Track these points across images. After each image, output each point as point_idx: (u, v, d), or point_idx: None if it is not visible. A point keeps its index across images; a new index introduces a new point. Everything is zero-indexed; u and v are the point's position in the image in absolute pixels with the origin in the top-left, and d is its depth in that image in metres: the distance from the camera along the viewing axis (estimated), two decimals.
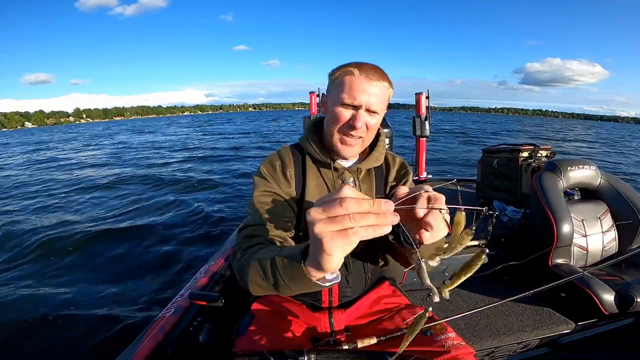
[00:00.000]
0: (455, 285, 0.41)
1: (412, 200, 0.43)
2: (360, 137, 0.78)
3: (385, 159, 0.92)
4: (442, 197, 0.44)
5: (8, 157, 13.56)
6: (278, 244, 0.71)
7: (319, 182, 0.85)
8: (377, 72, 0.74)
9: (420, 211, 0.42)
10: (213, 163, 9.98)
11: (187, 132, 26.32)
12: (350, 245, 0.35)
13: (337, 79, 0.75)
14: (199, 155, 11.70)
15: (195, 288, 1.36)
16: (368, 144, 0.84)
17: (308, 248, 0.45)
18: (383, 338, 0.74)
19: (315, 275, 0.45)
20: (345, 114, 0.74)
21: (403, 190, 0.44)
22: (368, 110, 0.74)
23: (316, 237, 0.35)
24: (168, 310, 1.21)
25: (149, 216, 4.80)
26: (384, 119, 0.84)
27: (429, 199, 0.43)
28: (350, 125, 0.75)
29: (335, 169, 0.85)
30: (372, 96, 0.72)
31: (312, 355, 0.63)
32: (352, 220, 0.33)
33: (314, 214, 0.35)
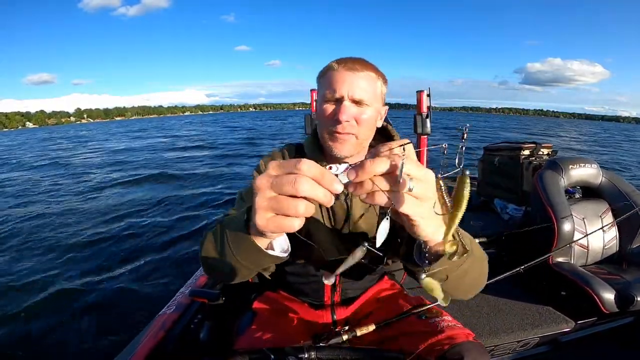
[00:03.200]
0: (454, 226, 0.37)
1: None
2: (352, 133, 0.70)
3: None
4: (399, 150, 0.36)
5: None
6: None
7: None
8: (359, 62, 0.69)
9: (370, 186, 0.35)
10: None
11: None
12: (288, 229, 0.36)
13: (320, 79, 0.73)
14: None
15: (196, 285, 1.37)
16: (366, 144, 0.76)
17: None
18: (381, 324, 0.75)
19: (260, 241, 0.46)
20: (329, 109, 0.70)
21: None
22: (354, 102, 0.68)
23: (256, 208, 0.36)
24: (169, 308, 1.21)
25: (151, 212, 4.81)
26: (385, 119, 0.79)
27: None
28: (335, 120, 0.68)
29: None
30: (354, 85, 0.67)
31: (313, 352, 0.63)
32: (297, 207, 0.35)
33: (262, 184, 0.36)
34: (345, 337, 0.72)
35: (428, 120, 1.77)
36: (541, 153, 2.38)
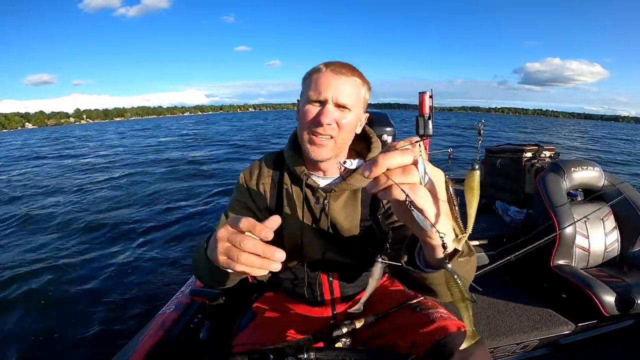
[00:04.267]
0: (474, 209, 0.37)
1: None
2: (331, 136, 0.71)
3: None
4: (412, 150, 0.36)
5: None
6: None
7: (293, 199, 0.80)
8: (346, 67, 0.71)
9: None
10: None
11: None
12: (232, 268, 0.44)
13: (306, 80, 0.73)
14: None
15: (196, 285, 1.37)
16: (344, 147, 0.76)
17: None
18: (378, 317, 0.77)
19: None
20: (312, 110, 0.70)
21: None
22: (337, 105, 0.69)
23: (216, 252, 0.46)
24: (169, 307, 1.22)
25: (155, 208, 4.81)
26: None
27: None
28: (316, 122, 0.69)
29: (308, 186, 0.78)
30: (340, 90, 0.68)
31: (312, 353, 0.63)
32: (240, 257, 0.42)
33: (221, 232, 0.45)
34: (344, 329, 0.73)
35: (430, 122, 1.77)
36: (543, 155, 2.37)
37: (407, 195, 0.34)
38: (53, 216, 4.63)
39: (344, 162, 0.38)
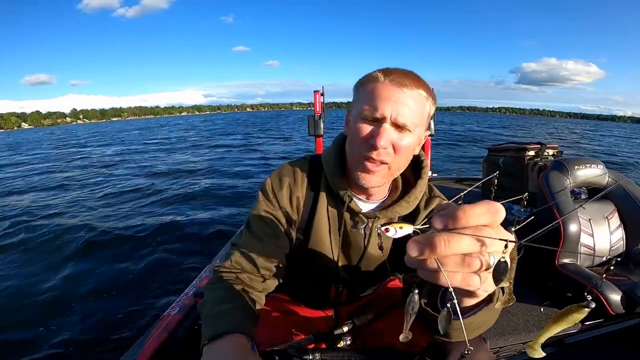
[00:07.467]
0: (544, 338, 0.36)
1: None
2: (385, 162, 0.61)
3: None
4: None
5: None
6: (259, 277, 0.71)
7: (328, 219, 0.73)
8: (409, 77, 0.59)
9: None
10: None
11: None
12: None
13: (360, 88, 0.63)
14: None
15: (200, 287, 1.37)
16: (397, 174, 0.67)
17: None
18: (380, 313, 0.76)
19: None
20: (365, 129, 0.60)
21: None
22: (395, 125, 0.59)
23: None
24: (173, 309, 1.22)
25: (157, 211, 4.81)
26: None
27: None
28: (370, 145, 0.59)
29: (350, 209, 0.70)
30: (400, 106, 0.57)
31: (317, 354, 0.64)
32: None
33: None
34: (345, 328, 0.73)
35: (432, 122, 1.77)
36: (546, 154, 2.36)
37: (451, 292, 0.27)
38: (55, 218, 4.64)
39: (386, 230, 0.30)
